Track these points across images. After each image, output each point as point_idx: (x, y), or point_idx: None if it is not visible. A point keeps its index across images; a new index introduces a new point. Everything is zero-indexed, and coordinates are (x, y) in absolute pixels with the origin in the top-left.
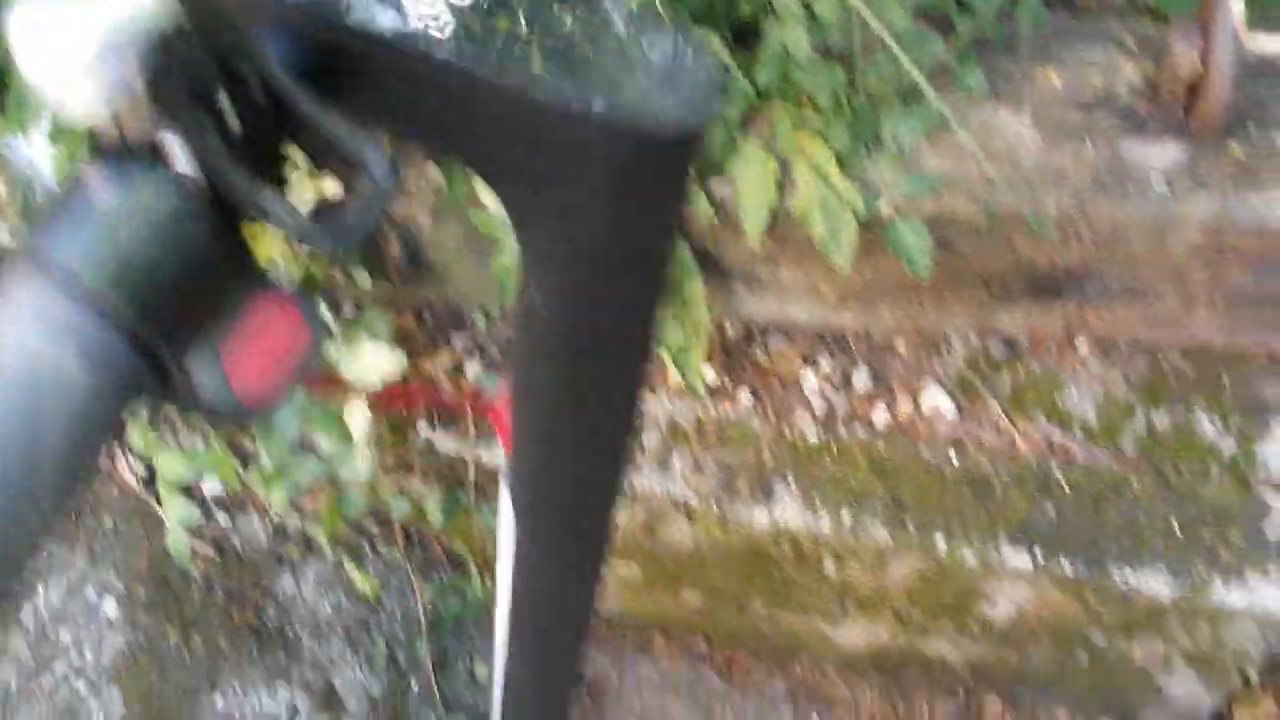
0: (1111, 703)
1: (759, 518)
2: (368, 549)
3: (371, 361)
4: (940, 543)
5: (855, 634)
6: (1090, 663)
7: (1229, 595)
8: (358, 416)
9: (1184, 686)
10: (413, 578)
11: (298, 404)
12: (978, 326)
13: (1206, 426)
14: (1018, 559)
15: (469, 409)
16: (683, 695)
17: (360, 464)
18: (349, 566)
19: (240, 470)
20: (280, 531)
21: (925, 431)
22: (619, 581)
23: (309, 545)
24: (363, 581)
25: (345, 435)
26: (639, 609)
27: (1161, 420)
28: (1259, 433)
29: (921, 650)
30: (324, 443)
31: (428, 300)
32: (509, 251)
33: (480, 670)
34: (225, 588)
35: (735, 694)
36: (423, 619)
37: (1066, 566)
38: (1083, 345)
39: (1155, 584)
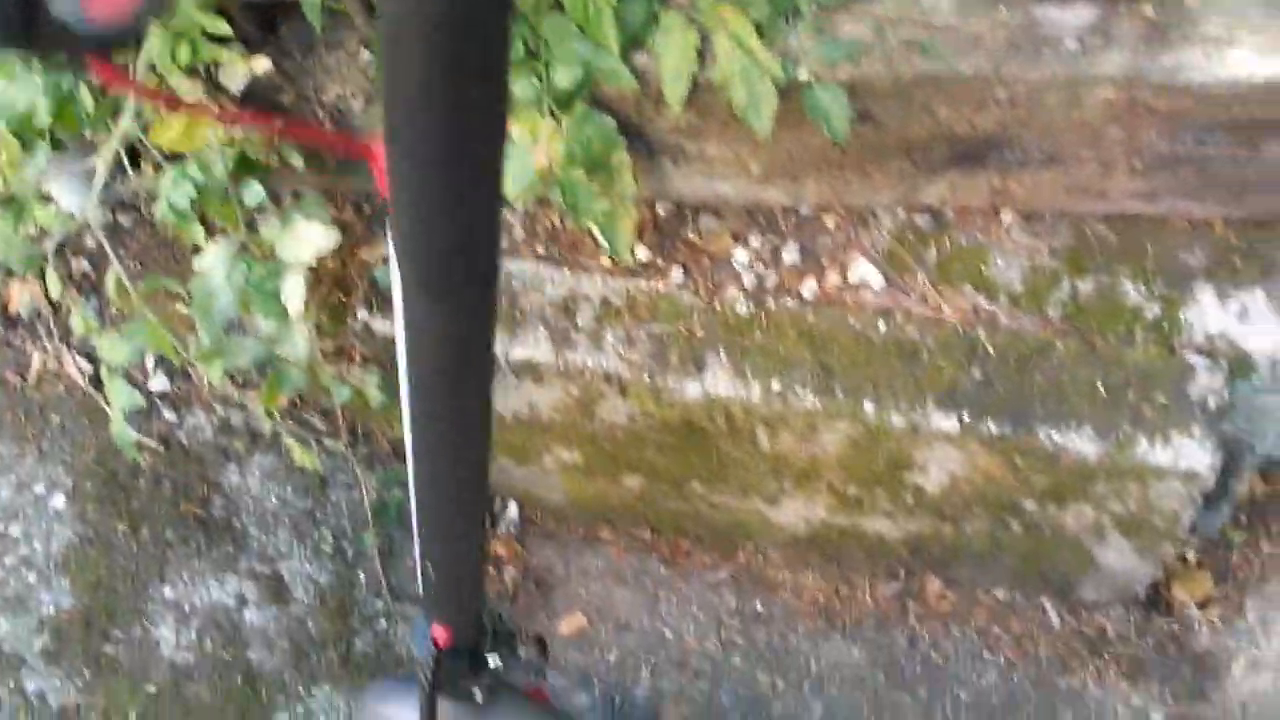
0: (1049, 577)
1: (691, 389)
2: (313, 443)
3: (305, 238)
4: (869, 408)
5: (794, 513)
6: (1025, 533)
7: (1155, 454)
8: (294, 294)
9: (1118, 556)
10: (358, 470)
11: (234, 284)
12: (903, 200)
13: (1131, 293)
14: (945, 422)
15: (343, 147)
16: (628, 583)
17: (299, 341)
18: (292, 445)
19: (178, 346)
20: (226, 426)
21: (853, 302)
22: (561, 468)
23: (254, 439)
24: (303, 456)
25: (282, 313)
26: (582, 497)
27: (1086, 287)
28: (1182, 297)
29: (860, 528)
30: (262, 324)
31: (365, 191)
32: None
33: None
34: (172, 481)
35: (679, 581)
36: (368, 510)
37: (993, 428)
38: (1007, 216)
39: (1081, 444)
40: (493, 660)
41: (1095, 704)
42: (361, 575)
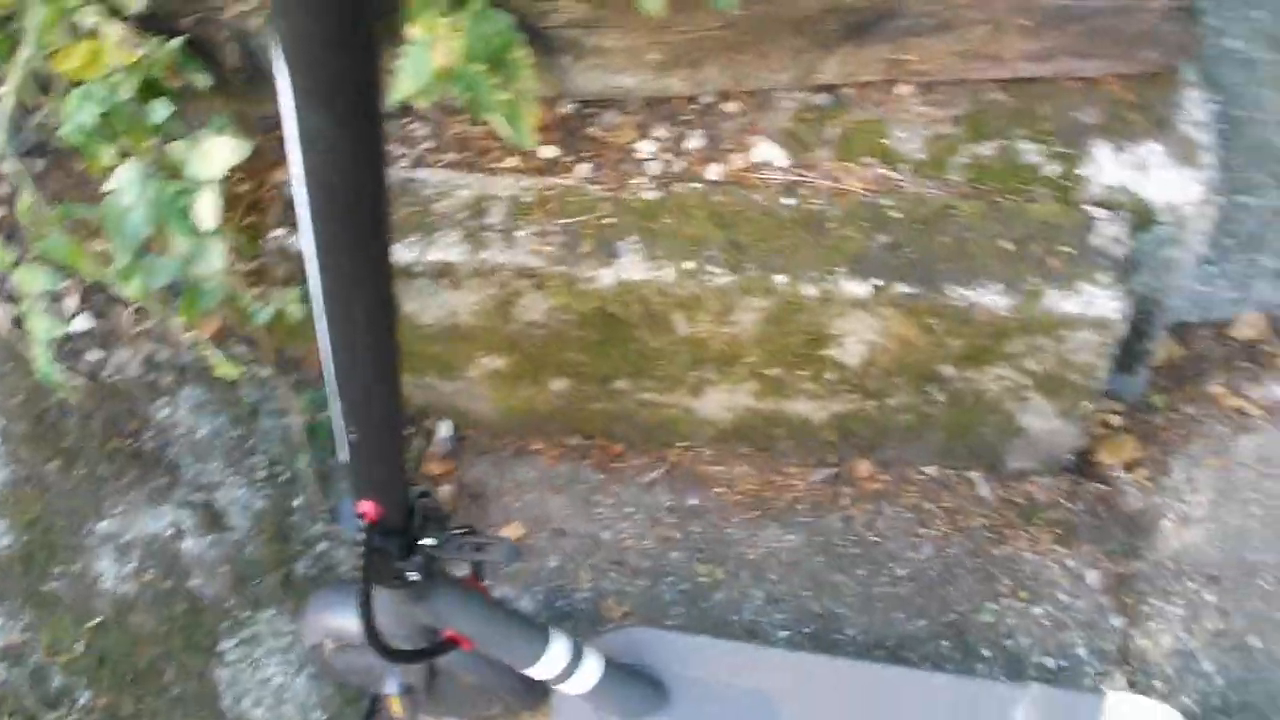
0: (976, 449)
1: (606, 276)
2: (241, 369)
3: (215, 153)
4: (780, 280)
5: (719, 404)
6: (948, 403)
7: (1064, 304)
8: (206, 210)
9: (1041, 420)
10: (288, 395)
11: (146, 201)
12: (801, 80)
13: (1030, 153)
14: (857, 288)
15: None
16: (563, 491)
17: (213, 257)
18: (214, 361)
19: (93, 267)
20: (152, 361)
21: (759, 181)
22: (487, 377)
23: (182, 373)
24: (225, 368)
25: (195, 230)
26: (510, 406)
27: (986, 151)
28: (1080, 155)
29: (785, 414)
30: (178, 243)
31: (277, 114)
32: None
33: None
34: (102, 417)
35: (614, 484)
36: (301, 435)
37: (904, 289)
38: (904, 88)
39: (991, 298)
40: (426, 541)
41: (1031, 569)
42: (298, 500)
